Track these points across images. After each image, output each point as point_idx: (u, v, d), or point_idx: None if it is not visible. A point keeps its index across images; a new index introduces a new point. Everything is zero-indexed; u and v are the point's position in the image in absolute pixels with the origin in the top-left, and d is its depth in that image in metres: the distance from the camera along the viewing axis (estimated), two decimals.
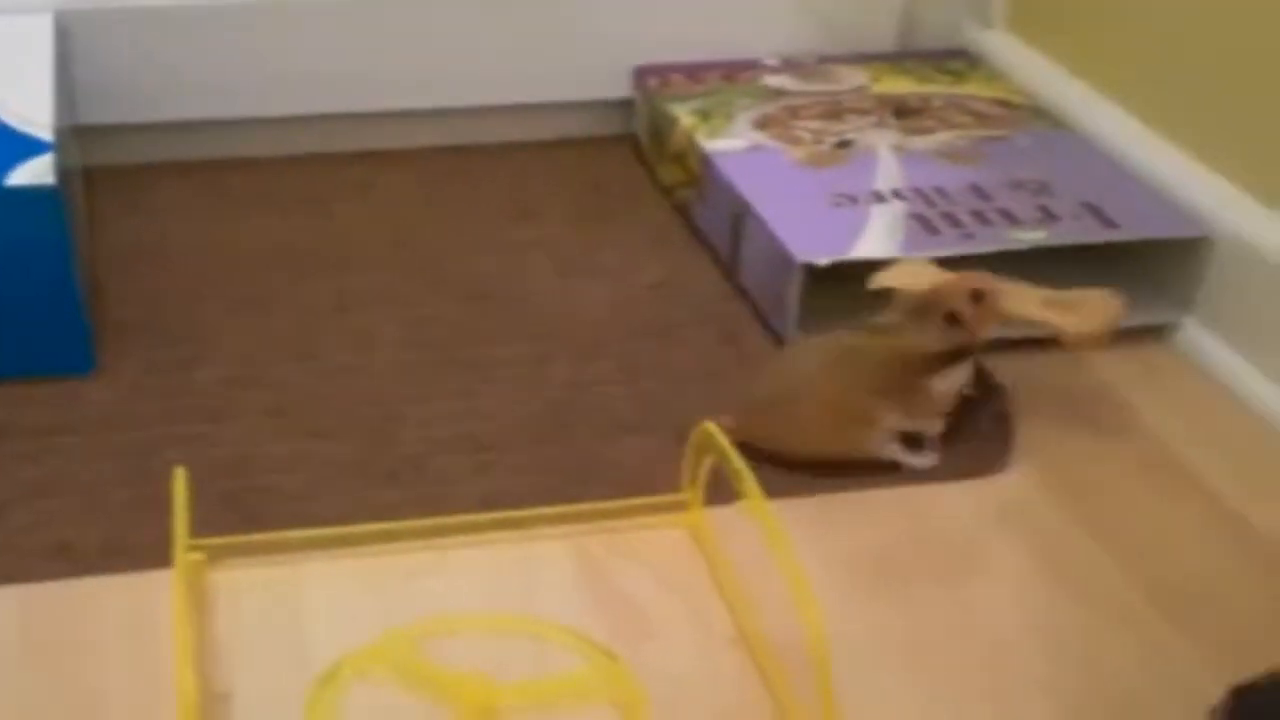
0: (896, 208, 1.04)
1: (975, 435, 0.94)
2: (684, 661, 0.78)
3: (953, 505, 0.90)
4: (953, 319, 0.89)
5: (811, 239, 1.00)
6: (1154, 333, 1.05)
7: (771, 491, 0.88)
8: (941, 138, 1.14)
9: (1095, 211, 1.04)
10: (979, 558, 0.86)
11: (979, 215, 1.03)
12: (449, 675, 0.75)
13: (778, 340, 1.03)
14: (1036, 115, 1.19)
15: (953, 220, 1.03)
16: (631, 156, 1.28)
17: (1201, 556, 0.86)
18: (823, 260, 0.98)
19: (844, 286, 1.02)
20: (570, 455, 0.92)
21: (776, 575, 0.71)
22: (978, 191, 1.07)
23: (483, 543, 0.85)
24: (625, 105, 1.28)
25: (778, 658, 0.76)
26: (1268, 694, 0.58)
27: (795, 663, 0.74)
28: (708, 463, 0.84)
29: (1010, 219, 1.03)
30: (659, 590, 0.83)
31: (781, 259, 1.00)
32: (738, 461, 0.77)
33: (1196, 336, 1.04)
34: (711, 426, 0.81)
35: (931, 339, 0.89)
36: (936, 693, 0.77)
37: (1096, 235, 1.01)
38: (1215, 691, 0.70)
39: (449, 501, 0.88)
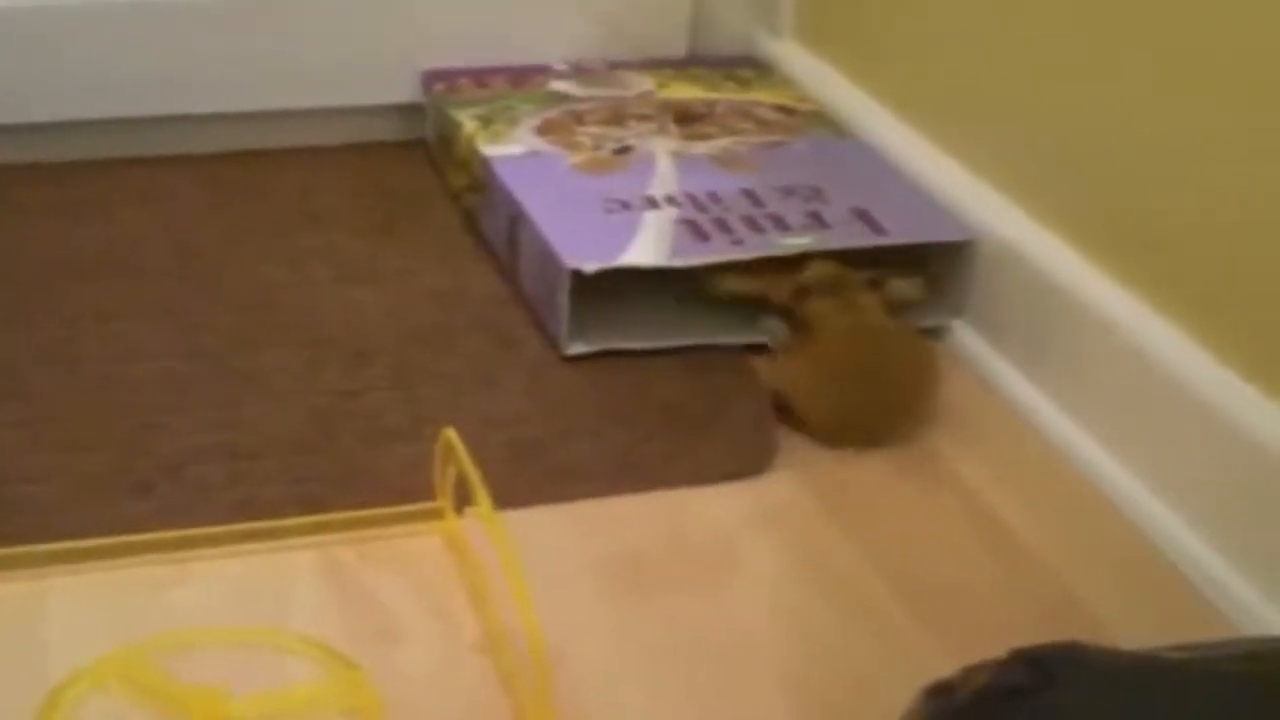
0: (668, 214, 1.05)
1: (735, 437, 0.95)
2: (428, 667, 0.78)
3: (710, 509, 0.90)
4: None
5: (582, 245, 1.01)
6: (925, 336, 1.06)
7: (525, 499, 0.89)
8: (721, 144, 1.15)
9: (865, 217, 1.05)
10: (734, 560, 0.86)
11: (750, 221, 1.04)
12: (181, 688, 0.74)
13: (554, 346, 1.03)
14: (818, 122, 1.20)
15: (723, 226, 1.04)
16: (423, 162, 1.27)
17: (951, 554, 0.88)
18: (590, 267, 0.98)
19: (621, 289, 1.03)
20: (333, 463, 0.91)
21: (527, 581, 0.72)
22: (751, 197, 1.07)
23: (231, 554, 0.84)
24: (417, 110, 1.28)
25: (519, 662, 0.76)
26: (959, 695, 0.59)
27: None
28: (453, 470, 0.83)
29: (780, 225, 1.04)
30: (409, 598, 0.82)
31: (553, 265, 1.00)
32: (471, 469, 0.77)
33: (966, 339, 1.05)
34: (451, 434, 0.81)
35: (874, 305, 0.98)
36: (677, 695, 0.77)
37: (863, 240, 1.03)
38: None
39: (202, 512, 0.86)
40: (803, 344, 0.97)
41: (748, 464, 0.93)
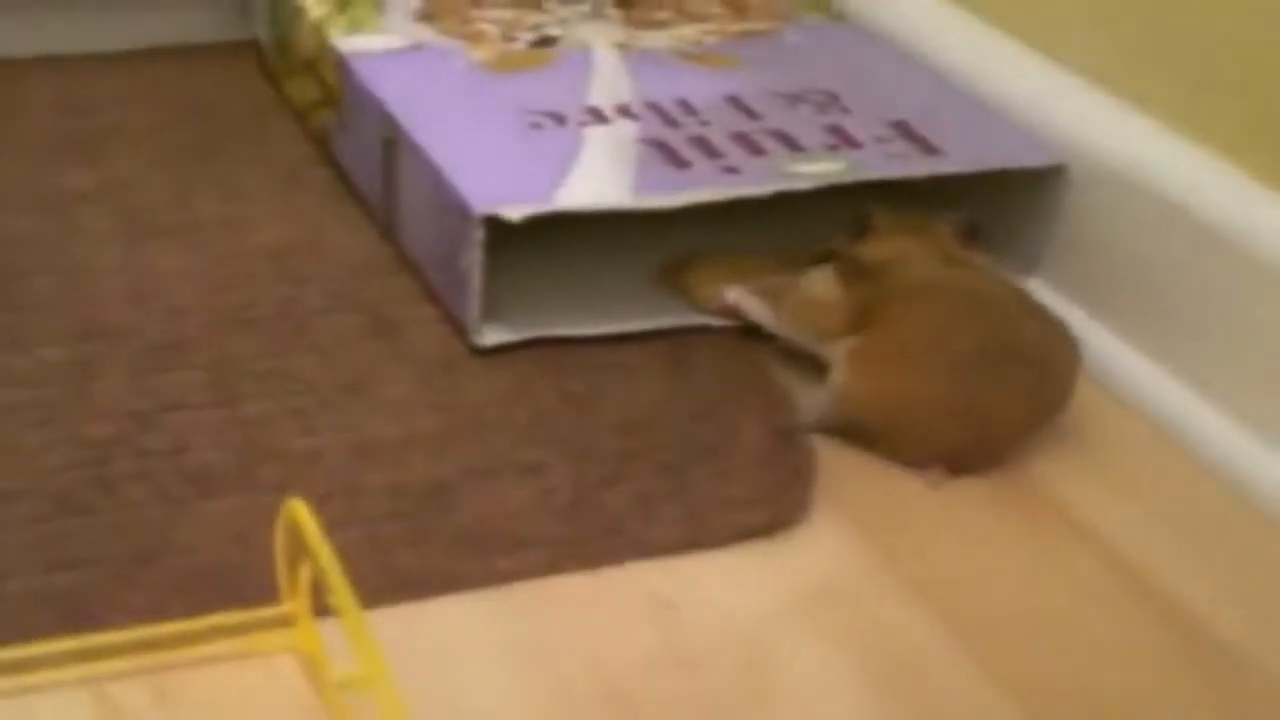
0: (624, 130, 0.71)
1: (747, 470, 0.62)
2: None
3: (721, 590, 0.57)
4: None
5: (497, 179, 0.67)
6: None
7: (423, 584, 0.55)
8: (683, 33, 0.82)
9: (908, 134, 0.72)
10: (779, 685, 0.53)
11: (745, 140, 0.71)
12: None
13: (459, 333, 0.68)
14: (811, 2, 0.87)
15: (707, 148, 0.70)
16: (253, 71, 0.92)
17: (1101, 643, 0.56)
18: (513, 212, 0.64)
19: (557, 247, 0.69)
20: (111, 536, 0.57)
21: None
22: (740, 107, 0.74)
23: None
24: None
25: None
26: None
27: None
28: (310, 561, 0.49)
29: (790, 145, 0.71)
30: None
31: (453, 211, 0.66)
32: (327, 557, 0.44)
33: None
34: (298, 509, 0.46)
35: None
36: None
37: (919, 167, 0.70)
38: None
39: None
40: (878, 315, 0.64)
41: (772, 512, 0.60)
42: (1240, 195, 0.65)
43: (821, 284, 0.65)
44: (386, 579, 0.56)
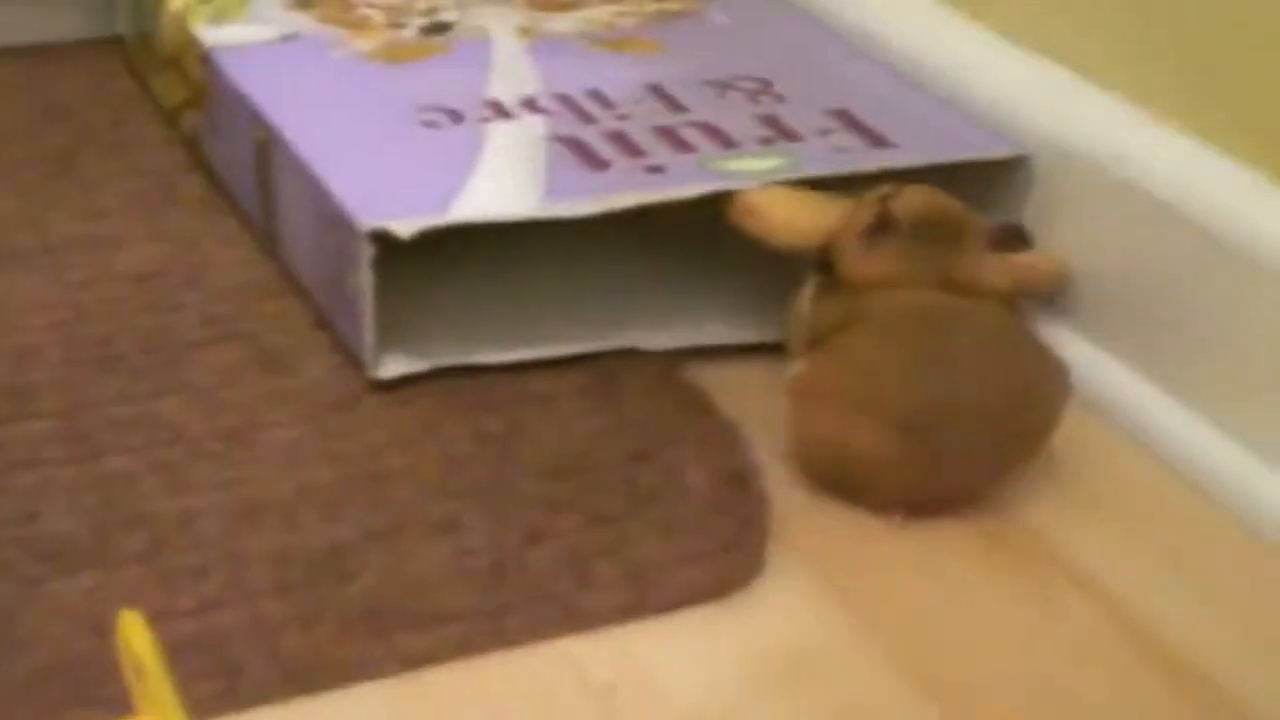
0: (531, 127, 0.63)
1: (694, 519, 0.54)
2: None
3: (674, 668, 0.49)
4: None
5: (387, 187, 0.59)
6: None
7: (324, 674, 0.47)
8: (593, 15, 0.73)
9: (853, 124, 0.65)
10: None
11: (669, 136, 0.63)
12: None
13: (354, 363, 0.60)
14: None
15: (626, 145, 0.62)
16: (120, 71, 0.83)
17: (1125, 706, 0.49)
18: (407, 226, 0.56)
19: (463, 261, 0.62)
20: None
21: None
22: (662, 97, 0.66)
23: None
24: None
25: None
26: None
27: None
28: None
29: (721, 140, 0.63)
30: None
31: (338, 223, 0.58)
32: (157, 668, 0.35)
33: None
34: (132, 618, 0.38)
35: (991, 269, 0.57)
36: None
37: (866, 161, 0.62)
38: None
39: None
40: (832, 337, 0.55)
41: (723, 568, 0.52)
42: (1236, 187, 0.58)
43: (804, 296, 0.57)
44: (273, 670, 0.47)
